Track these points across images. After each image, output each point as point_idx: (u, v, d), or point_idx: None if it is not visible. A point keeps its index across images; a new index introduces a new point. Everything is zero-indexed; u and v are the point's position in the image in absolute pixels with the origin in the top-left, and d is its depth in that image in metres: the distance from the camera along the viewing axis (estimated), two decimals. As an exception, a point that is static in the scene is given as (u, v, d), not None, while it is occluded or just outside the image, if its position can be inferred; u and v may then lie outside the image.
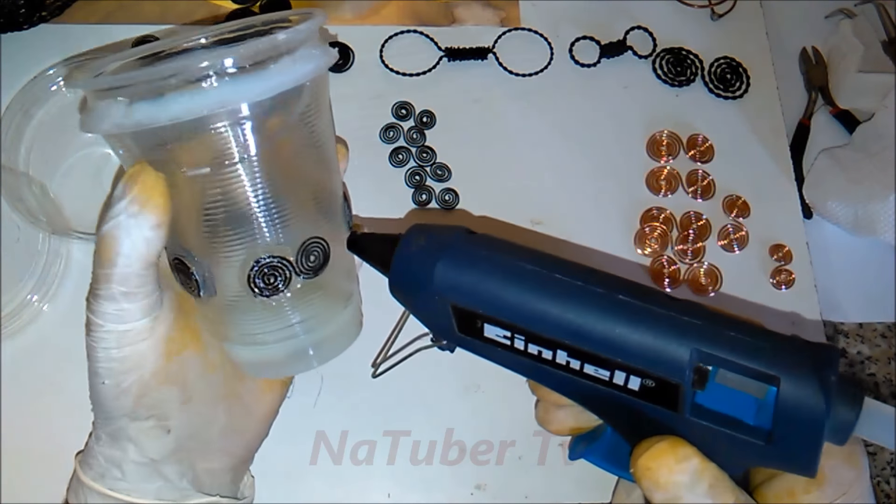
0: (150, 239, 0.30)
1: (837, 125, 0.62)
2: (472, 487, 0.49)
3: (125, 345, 0.32)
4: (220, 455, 0.39)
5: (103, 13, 0.57)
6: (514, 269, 0.29)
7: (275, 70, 0.30)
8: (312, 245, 0.34)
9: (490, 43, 0.60)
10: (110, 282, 0.30)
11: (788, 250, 0.57)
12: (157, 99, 0.28)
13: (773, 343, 0.26)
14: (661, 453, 0.27)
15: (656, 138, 0.59)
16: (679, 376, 0.26)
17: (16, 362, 0.48)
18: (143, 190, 0.30)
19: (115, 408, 0.33)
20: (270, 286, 0.33)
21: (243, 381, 0.39)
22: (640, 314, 0.27)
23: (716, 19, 0.64)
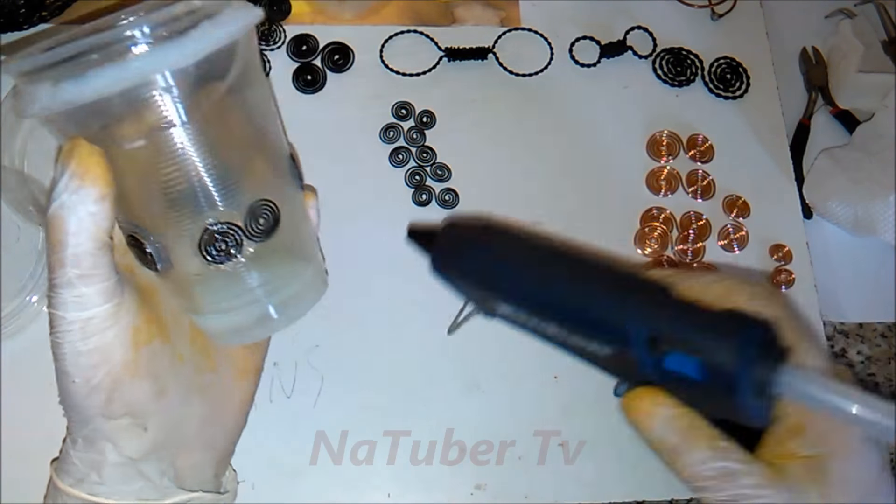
0: (96, 213, 0.30)
1: (837, 125, 0.62)
2: (472, 487, 0.49)
3: (90, 335, 0.31)
4: (201, 449, 0.38)
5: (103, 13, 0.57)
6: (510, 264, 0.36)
7: (194, 35, 0.30)
8: (261, 208, 0.34)
9: (490, 43, 0.60)
10: (64, 266, 0.30)
11: (788, 250, 0.57)
12: (79, 76, 0.28)
13: (706, 322, 0.31)
14: (639, 396, 0.32)
15: (656, 138, 0.59)
16: (630, 347, 0.32)
17: (16, 362, 0.48)
18: (80, 163, 0.29)
19: (88, 406, 0.32)
20: (223, 252, 0.33)
21: (215, 370, 0.39)
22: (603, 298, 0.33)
23: (716, 19, 0.64)
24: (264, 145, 0.36)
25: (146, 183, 0.32)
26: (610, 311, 0.32)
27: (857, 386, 0.28)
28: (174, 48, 0.29)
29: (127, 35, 0.28)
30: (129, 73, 0.28)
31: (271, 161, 0.36)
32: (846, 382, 0.28)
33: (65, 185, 0.29)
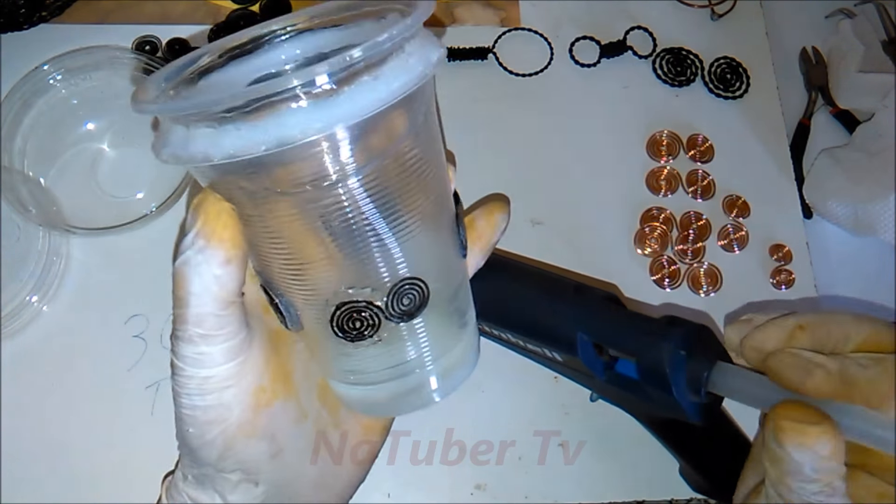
0: (221, 276, 0.27)
1: (837, 125, 0.62)
2: (472, 487, 0.49)
3: (208, 392, 0.29)
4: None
5: (103, 13, 0.57)
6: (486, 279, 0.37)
7: (355, 92, 0.24)
8: (407, 287, 0.29)
9: (490, 43, 0.60)
10: (185, 322, 0.28)
11: (788, 250, 0.57)
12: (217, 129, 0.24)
13: (639, 328, 0.34)
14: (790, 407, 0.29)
15: (656, 138, 0.59)
16: (574, 354, 0.35)
17: (16, 362, 0.49)
18: (206, 223, 0.27)
19: (201, 457, 0.31)
20: (355, 331, 0.29)
21: (339, 426, 0.36)
22: (546, 310, 0.37)
23: (716, 19, 0.64)
24: (425, 209, 0.29)
25: (279, 243, 0.28)
26: (559, 321, 0.36)
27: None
28: (329, 110, 0.24)
29: (280, 91, 0.23)
30: (271, 138, 0.23)
31: (430, 228, 0.30)
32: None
33: (191, 241, 0.27)
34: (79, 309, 0.50)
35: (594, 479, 0.50)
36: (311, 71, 0.23)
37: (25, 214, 0.49)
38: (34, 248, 0.49)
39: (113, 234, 0.50)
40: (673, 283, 0.55)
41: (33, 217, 0.49)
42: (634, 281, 0.55)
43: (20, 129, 0.52)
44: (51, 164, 0.53)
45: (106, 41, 0.55)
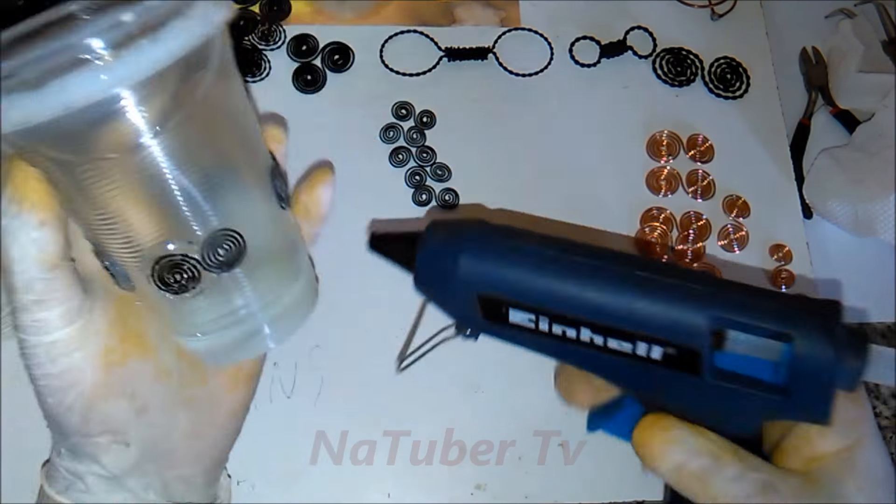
0: (38, 239, 0.28)
1: (837, 125, 0.62)
2: (472, 487, 0.49)
3: (56, 357, 0.30)
4: (189, 461, 0.37)
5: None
6: (535, 254, 0.30)
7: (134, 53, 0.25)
8: (222, 238, 0.30)
9: (490, 43, 0.60)
10: (16, 291, 0.28)
11: (788, 250, 0.57)
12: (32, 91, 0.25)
13: (782, 303, 0.28)
14: (651, 425, 0.30)
15: (656, 138, 0.59)
16: (698, 342, 0.28)
17: (16, 362, 0.48)
18: (16, 189, 0.27)
19: (66, 425, 0.31)
20: (177, 284, 0.30)
21: (203, 382, 0.37)
22: (658, 287, 0.29)
23: (716, 19, 0.64)
24: (231, 163, 0.31)
25: (90, 206, 0.29)
26: (672, 301, 0.28)
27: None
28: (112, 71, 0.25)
29: (84, 44, 0.24)
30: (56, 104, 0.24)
31: (240, 181, 0.32)
32: None
33: (4, 208, 0.28)
34: (79, 309, 0.50)
35: (594, 479, 0.50)
36: (86, 32, 0.24)
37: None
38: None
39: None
40: (673, 283, 0.55)
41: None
42: (634, 281, 0.55)
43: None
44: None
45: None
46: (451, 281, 0.31)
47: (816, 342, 0.26)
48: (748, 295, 0.28)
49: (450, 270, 0.31)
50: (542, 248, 0.30)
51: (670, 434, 0.29)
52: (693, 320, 0.28)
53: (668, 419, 0.30)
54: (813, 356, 0.26)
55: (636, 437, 0.30)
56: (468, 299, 0.31)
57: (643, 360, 0.29)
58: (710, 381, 0.28)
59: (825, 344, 0.26)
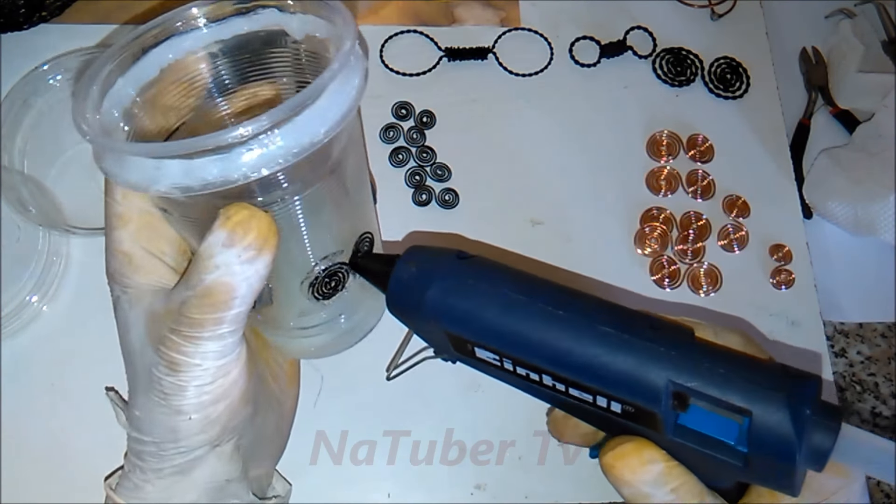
0: (265, 276, 0.29)
1: (837, 125, 0.62)
2: (472, 487, 0.49)
3: (220, 377, 0.30)
4: (268, 460, 0.38)
5: (103, 13, 0.57)
6: (499, 298, 0.30)
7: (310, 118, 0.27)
8: (362, 241, 0.35)
9: (490, 43, 0.60)
10: (221, 324, 0.29)
11: (788, 250, 0.57)
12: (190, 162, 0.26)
13: (747, 375, 0.27)
14: (626, 454, 0.29)
15: (656, 138, 0.59)
16: (655, 405, 0.27)
17: (16, 362, 0.49)
18: (259, 237, 0.28)
19: (199, 440, 0.31)
20: (331, 290, 0.34)
21: (277, 380, 0.39)
22: (619, 345, 0.28)
23: (716, 19, 0.64)
24: (366, 181, 0.35)
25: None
26: (643, 365, 0.27)
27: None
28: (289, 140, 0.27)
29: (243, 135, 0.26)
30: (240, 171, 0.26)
31: (368, 192, 0.36)
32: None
33: (237, 255, 0.28)
34: (79, 309, 0.50)
35: (594, 479, 0.50)
36: (257, 123, 0.25)
37: (25, 214, 0.49)
38: (34, 248, 0.49)
39: (113, 234, 0.50)
40: (673, 283, 0.55)
41: (33, 217, 0.49)
42: (634, 281, 0.55)
43: (20, 129, 0.52)
44: (51, 164, 0.53)
45: (106, 41, 0.55)
46: (418, 313, 0.31)
47: (776, 421, 0.25)
48: (713, 363, 0.27)
49: (417, 303, 0.31)
50: (508, 291, 0.30)
51: (642, 462, 0.29)
52: (649, 384, 0.27)
53: (643, 446, 0.29)
54: (772, 434, 0.25)
55: (607, 459, 0.29)
56: (437, 331, 0.31)
57: (603, 411, 0.29)
58: (670, 439, 0.28)
59: (786, 423, 0.25)
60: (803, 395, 0.26)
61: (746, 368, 0.27)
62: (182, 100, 0.33)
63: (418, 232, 0.54)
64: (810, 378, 0.26)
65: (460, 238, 0.54)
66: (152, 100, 0.32)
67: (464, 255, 0.32)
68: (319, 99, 0.28)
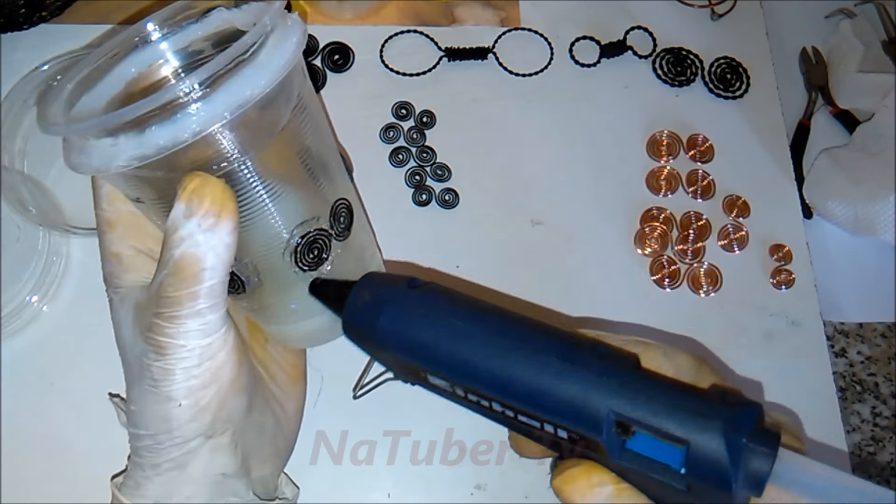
0: (230, 244, 0.29)
1: (837, 125, 0.62)
2: (472, 487, 0.49)
3: (206, 359, 0.30)
4: (271, 460, 0.38)
5: (103, 13, 0.57)
6: (446, 328, 0.31)
7: (253, 72, 0.29)
8: (339, 207, 0.35)
9: (490, 43, 0.60)
10: (197, 299, 0.29)
11: (788, 250, 0.57)
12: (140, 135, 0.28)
13: (686, 405, 0.27)
14: (575, 477, 0.29)
15: (656, 138, 0.59)
16: (597, 434, 0.28)
17: (16, 362, 0.49)
18: (215, 201, 0.28)
19: (191, 429, 0.31)
20: (316, 259, 0.34)
21: (274, 380, 0.39)
22: (561, 373, 0.28)
23: (716, 19, 0.64)
24: (331, 147, 0.36)
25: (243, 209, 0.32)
26: (583, 394, 0.28)
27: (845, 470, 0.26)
28: (231, 95, 0.28)
29: (183, 92, 0.27)
30: (189, 129, 0.27)
31: (336, 160, 0.37)
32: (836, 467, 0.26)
33: (196, 224, 0.28)
34: (79, 309, 0.50)
35: (594, 479, 0.50)
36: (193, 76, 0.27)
37: (25, 214, 0.49)
38: (34, 248, 0.49)
39: (113, 234, 0.50)
40: (673, 283, 0.55)
41: (33, 217, 0.49)
42: (634, 281, 0.55)
43: (20, 129, 0.52)
44: (51, 164, 0.53)
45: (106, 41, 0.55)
46: (371, 340, 0.32)
47: (712, 449, 0.26)
48: (652, 392, 0.28)
49: (371, 329, 0.32)
50: (455, 320, 0.31)
51: (591, 485, 0.29)
52: (592, 413, 0.28)
53: (592, 470, 0.29)
54: (708, 461, 0.26)
55: (557, 482, 0.29)
56: (390, 357, 0.32)
57: (552, 436, 0.30)
58: (616, 463, 0.28)
59: (721, 451, 0.26)
60: (740, 424, 0.26)
61: (685, 398, 0.28)
62: None
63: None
64: (749, 405, 0.27)
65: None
66: None
67: (416, 284, 0.33)
68: (258, 55, 0.29)
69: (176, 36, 0.35)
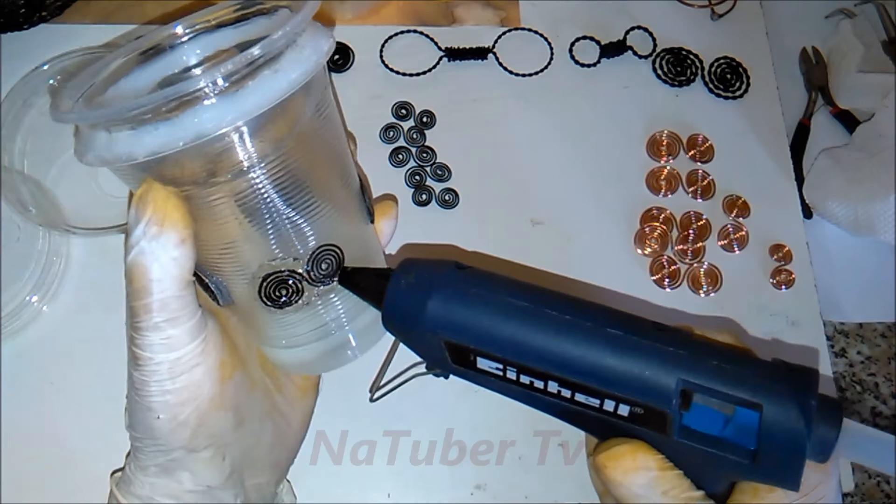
0: (178, 257, 0.29)
1: (837, 125, 0.62)
2: (472, 487, 0.49)
3: (179, 374, 0.30)
4: (268, 469, 0.38)
5: (103, 13, 0.57)
6: (503, 305, 0.30)
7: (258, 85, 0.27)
8: (324, 253, 0.32)
9: (490, 43, 0.60)
10: (150, 311, 0.29)
11: (788, 250, 0.57)
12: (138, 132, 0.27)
13: (754, 370, 0.27)
14: (621, 455, 0.29)
15: (656, 138, 0.59)
16: (666, 405, 0.27)
17: (16, 362, 0.48)
18: (157, 209, 0.28)
19: (172, 441, 0.31)
20: (282, 298, 0.32)
21: (281, 391, 0.39)
22: (627, 346, 0.28)
23: (716, 19, 0.64)
24: (331, 183, 0.33)
25: (204, 227, 0.30)
26: (653, 364, 0.27)
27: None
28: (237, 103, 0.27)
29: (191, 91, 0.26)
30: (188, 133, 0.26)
31: (338, 200, 0.33)
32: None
33: (142, 231, 0.28)
34: (79, 309, 0.50)
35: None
36: (217, 70, 0.26)
37: (25, 214, 0.49)
38: (34, 248, 0.49)
39: (113, 234, 0.50)
40: (673, 283, 0.55)
41: (33, 217, 0.49)
42: (634, 281, 0.55)
43: (20, 129, 0.52)
44: (51, 164, 0.53)
45: (106, 41, 0.55)
46: (418, 324, 0.31)
47: (787, 414, 0.26)
48: (720, 359, 0.27)
49: (417, 314, 0.30)
50: (511, 298, 0.30)
51: (636, 465, 0.29)
52: (660, 383, 0.27)
53: (638, 449, 0.29)
54: (783, 427, 0.26)
55: (600, 459, 0.29)
56: (436, 344, 0.31)
57: (610, 415, 0.29)
58: (676, 441, 0.28)
59: (796, 416, 0.26)
60: (808, 388, 0.26)
61: (752, 364, 0.27)
62: None
63: (411, 244, 0.54)
64: (811, 371, 0.27)
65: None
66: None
67: (461, 266, 0.32)
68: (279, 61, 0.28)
69: (208, 39, 0.33)
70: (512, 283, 0.31)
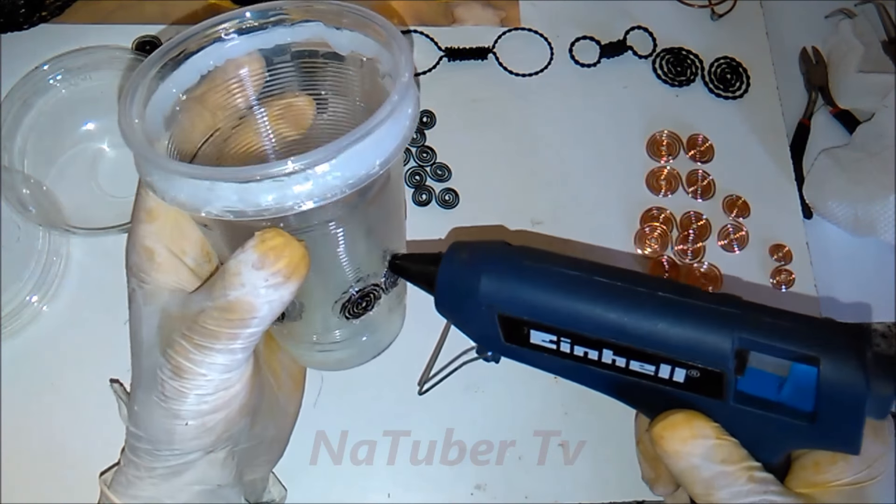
0: (288, 300, 0.29)
1: (837, 125, 0.62)
2: (472, 487, 0.49)
3: (221, 389, 0.30)
4: (265, 465, 0.39)
5: (103, 13, 0.57)
6: (557, 276, 0.30)
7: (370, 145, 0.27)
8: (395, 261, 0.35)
9: (490, 43, 0.60)
10: (235, 339, 0.29)
11: (788, 250, 0.57)
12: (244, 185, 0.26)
13: (809, 326, 0.27)
14: (677, 424, 0.29)
15: (656, 138, 0.59)
16: (723, 365, 0.27)
17: (16, 362, 0.49)
18: (290, 265, 0.28)
19: (193, 446, 0.31)
20: (363, 310, 0.34)
21: (280, 388, 0.39)
22: (682, 308, 0.28)
23: (716, 19, 0.64)
24: (401, 198, 0.35)
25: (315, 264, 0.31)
26: (696, 323, 0.27)
27: None
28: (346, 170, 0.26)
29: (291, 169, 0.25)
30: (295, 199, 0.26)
31: (402, 214, 0.36)
32: None
33: (264, 278, 0.28)
34: (79, 309, 0.50)
35: (594, 479, 0.50)
36: (312, 160, 0.25)
37: (25, 214, 0.49)
38: (34, 248, 0.49)
39: (113, 234, 0.50)
40: (673, 283, 0.55)
41: (33, 217, 0.49)
42: (634, 281, 0.55)
43: (20, 129, 0.52)
44: (51, 164, 0.53)
45: (106, 41, 0.55)
46: (471, 301, 0.31)
47: (846, 366, 0.25)
48: (774, 316, 0.28)
49: (471, 291, 0.31)
50: (564, 269, 0.30)
51: (693, 433, 0.29)
52: (718, 342, 0.27)
53: (694, 417, 0.29)
54: (842, 381, 0.25)
55: (657, 430, 0.29)
56: (489, 320, 0.31)
57: (665, 383, 0.29)
58: (733, 406, 0.28)
59: (855, 369, 0.25)
60: (864, 341, 0.26)
61: (806, 321, 0.27)
62: (220, 106, 0.33)
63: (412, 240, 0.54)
64: (863, 327, 0.27)
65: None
66: (192, 105, 0.32)
67: (509, 244, 0.33)
68: (376, 131, 0.27)
69: (262, 35, 0.33)
70: (562, 256, 0.31)
